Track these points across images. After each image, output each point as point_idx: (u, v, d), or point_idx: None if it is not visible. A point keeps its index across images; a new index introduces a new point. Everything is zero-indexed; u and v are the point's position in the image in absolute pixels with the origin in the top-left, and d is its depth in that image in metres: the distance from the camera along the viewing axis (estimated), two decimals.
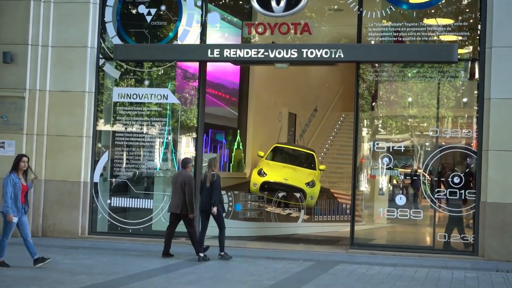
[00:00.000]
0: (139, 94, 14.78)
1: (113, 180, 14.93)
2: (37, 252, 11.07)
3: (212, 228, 12.57)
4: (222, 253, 12.45)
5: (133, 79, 14.99)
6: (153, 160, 14.94)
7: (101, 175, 14.88)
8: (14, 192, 10.85)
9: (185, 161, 12.91)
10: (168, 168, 14.88)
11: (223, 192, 15.97)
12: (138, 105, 14.83)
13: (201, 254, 12.28)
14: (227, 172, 20.06)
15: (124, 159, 14.90)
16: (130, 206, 14.77)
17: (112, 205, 14.83)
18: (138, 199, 14.75)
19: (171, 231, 12.79)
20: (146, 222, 14.69)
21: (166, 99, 14.71)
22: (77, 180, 14.57)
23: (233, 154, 20.78)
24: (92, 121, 14.72)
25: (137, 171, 14.93)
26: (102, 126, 15.02)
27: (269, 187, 17.66)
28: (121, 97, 14.88)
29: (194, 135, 14.68)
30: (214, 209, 12.23)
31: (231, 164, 20.56)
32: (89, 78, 14.69)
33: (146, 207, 14.70)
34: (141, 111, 14.84)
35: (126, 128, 14.90)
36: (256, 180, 17.36)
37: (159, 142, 14.84)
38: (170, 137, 14.79)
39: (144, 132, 14.83)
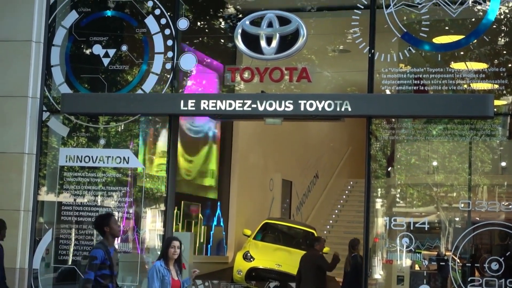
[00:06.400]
0: (92, 157, 14.80)
1: (58, 266, 14.83)
2: None
3: None
4: None
5: (85, 138, 15.03)
6: None
7: (43, 259, 14.77)
8: None
9: (312, 240, 15.16)
10: (128, 251, 14.78)
11: (198, 281, 15.96)
12: (91, 170, 14.84)
13: None
14: (204, 256, 19.95)
15: (73, 239, 14.81)
16: None
17: None
18: None
19: None
20: None
21: (127, 162, 14.75)
22: (11, 267, 14.31)
23: (211, 232, 20.71)
24: (33, 190, 14.68)
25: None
26: (45, 196, 14.98)
27: (257, 275, 17.58)
28: (69, 160, 14.89)
29: (163, 207, 14.66)
30: None
31: (209, 246, 20.46)
32: (29, 135, 14.71)
33: None
34: (95, 178, 14.85)
35: (75, 199, 14.86)
36: (241, 266, 17.26)
37: (118, 217, 14.67)
38: (131, 211, 14.77)
39: (99, 204, 14.78)
